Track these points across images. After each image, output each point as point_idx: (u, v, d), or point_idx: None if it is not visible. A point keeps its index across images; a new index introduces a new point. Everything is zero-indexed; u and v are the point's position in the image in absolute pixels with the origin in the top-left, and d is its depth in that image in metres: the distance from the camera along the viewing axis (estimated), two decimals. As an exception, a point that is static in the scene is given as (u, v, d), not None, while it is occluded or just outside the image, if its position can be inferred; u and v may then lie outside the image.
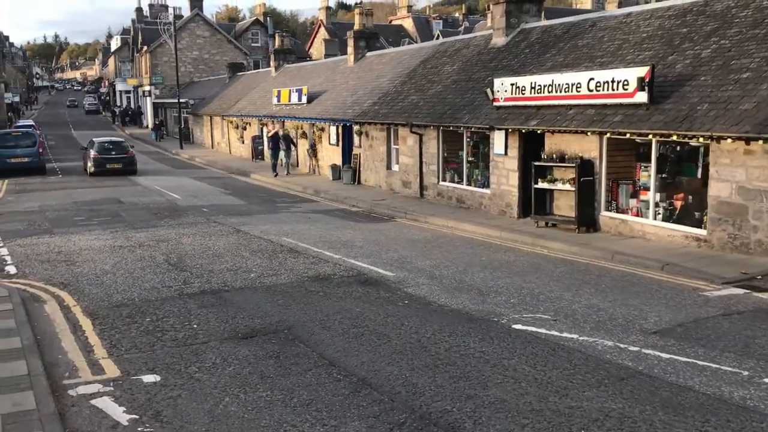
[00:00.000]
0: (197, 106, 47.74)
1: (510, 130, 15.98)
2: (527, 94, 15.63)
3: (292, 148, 28.08)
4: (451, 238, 13.90)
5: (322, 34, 71.11)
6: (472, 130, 17.64)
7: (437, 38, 61.59)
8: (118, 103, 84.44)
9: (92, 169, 28.39)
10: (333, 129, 25.91)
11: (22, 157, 28.52)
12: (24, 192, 23.45)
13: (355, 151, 24.31)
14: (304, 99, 28.91)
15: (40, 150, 29.10)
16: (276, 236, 13.87)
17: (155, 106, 60.60)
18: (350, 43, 30.05)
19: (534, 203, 15.12)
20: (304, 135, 28.72)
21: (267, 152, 29.36)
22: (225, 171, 31.05)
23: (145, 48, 62.22)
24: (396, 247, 12.56)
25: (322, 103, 27.60)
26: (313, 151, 27.87)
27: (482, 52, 20.64)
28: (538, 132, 15.07)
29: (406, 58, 25.57)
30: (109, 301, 8.97)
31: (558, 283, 9.58)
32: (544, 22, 19.78)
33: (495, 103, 16.63)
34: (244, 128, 36.64)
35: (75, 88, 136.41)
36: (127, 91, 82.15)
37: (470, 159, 18.51)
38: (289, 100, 30.40)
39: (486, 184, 17.70)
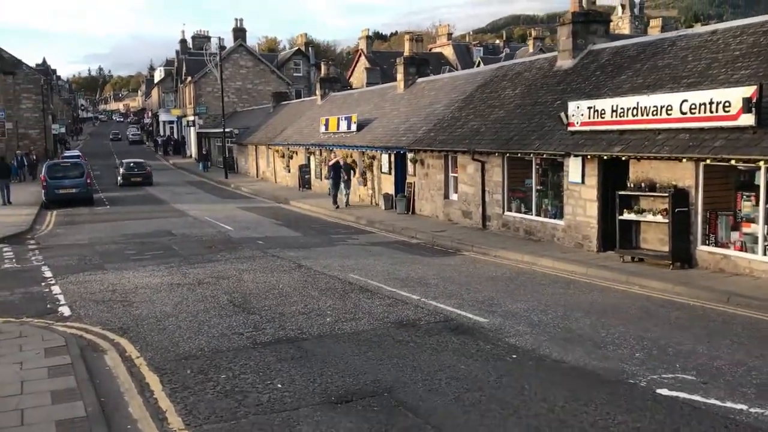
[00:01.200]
0: (241, 135, 47.54)
1: (588, 156, 14.84)
2: (607, 117, 14.51)
3: (353, 178, 26.49)
4: (532, 274, 12.75)
5: (363, 62, 71.02)
6: (543, 156, 16.54)
7: (478, 65, 60.88)
8: (161, 133, 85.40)
9: (120, 182, 38.33)
10: (385, 157, 25.05)
11: (71, 188, 28.27)
12: (72, 224, 23.01)
13: (409, 179, 23.36)
14: (354, 127, 28.18)
15: (88, 180, 28.85)
16: (341, 272, 12.91)
17: (199, 135, 60.80)
18: (400, 69, 29.33)
19: (618, 236, 13.90)
20: (353, 164, 27.91)
21: (326, 182, 28.40)
22: (273, 200, 30.38)
23: (189, 78, 62.72)
24: (476, 286, 11.47)
25: (373, 131, 26.81)
26: (363, 179, 27.02)
27: (547, 75, 19.61)
28: (623, 159, 13.90)
29: (460, 83, 24.68)
30: (175, 351, 8.05)
31: (682, 332, 8.37)
32: (615, 43, 18.70)
33: (570, 128, 15.53)
34: (291, 157, 36.09)
35: (118, 120, 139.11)
36: (171, 122, 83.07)
37: (539, 188, 17.38)
38: (338, 128, 29.72)
39: (558, 215, 16.54)
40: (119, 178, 38.64)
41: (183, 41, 71.05)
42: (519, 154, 17.20)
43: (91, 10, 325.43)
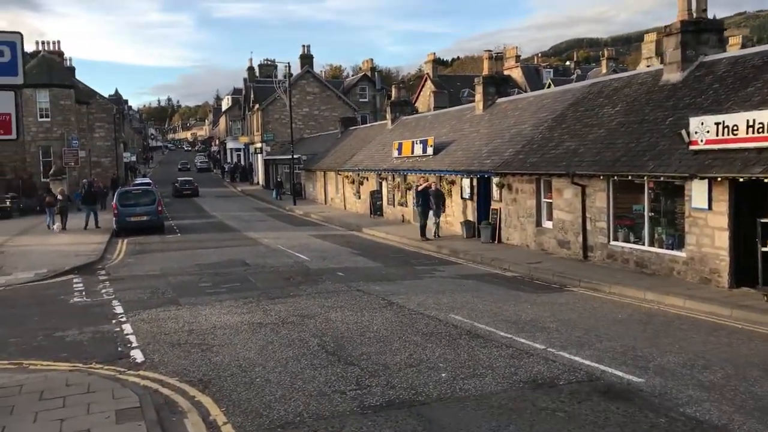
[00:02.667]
0: (309, 161, 46.90)
1: (718, 179, 12.93)
2: (741, 134, 12.61)
3: (441, 206, 23.93)
4: (665, 316, 10.92)
5: (429, 87, 69.98)
6: (661, 179, 14.66)
7: (548, 87, 58.90)
8: (229, 161, 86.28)
9: (173, 193, 51.25)
10: (466, 182, 23.50)
11: (142, 215, 27.78)
12: (144, 253, 22.28)
13: (494, 205, 21.72)
14: (430, 150, 26.80)
15: (160, 208, 28.32)
16: (440, 311, 11.38)
17: (266, 162, 60.71)
18: (478, 89, 27.89)
19: (761, 270, 11.91)
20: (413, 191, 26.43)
21: (400, 208, 26.98)
22: (344, 228, 29.19)
23: (257, 106, 62.93)
24: (605, 332, 9.74)
25: (451, 154, 25.35)
26: (443, 206, 25.49)
27: (652, 91, 17.77)
28: (765, 181, 11.96)
29: (548, 102, 23.00)
30: (269, 415, 6.66)
31: None
32: (733, 53, 16.79)
33: (692, 147, 13.68)
34: (361, 183, 34.96)
35: (186, 149, 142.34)
36: (237, 149, 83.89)
37: (651, 214, 15.48)
38: (412, 152, 28.39)
39: (676, 245, 14.61)
40: (173, 191, 52.35)
41: (251, 69, 71.66)
42: (629, 177, 15.38)
43: (159, 43, 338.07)
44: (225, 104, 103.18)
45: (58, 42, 52.47)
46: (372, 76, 70.06)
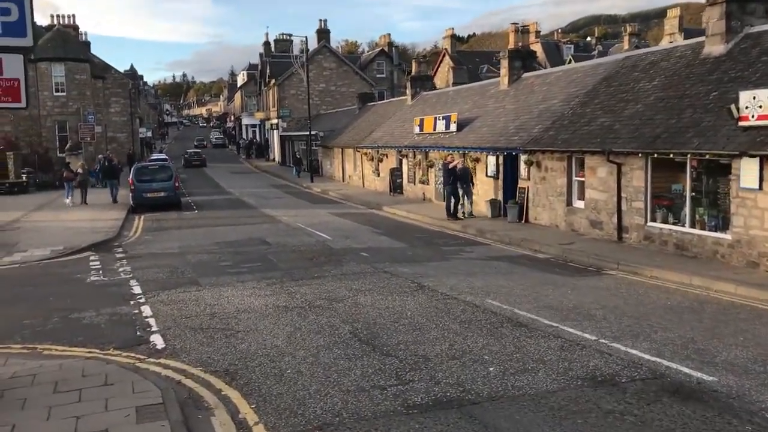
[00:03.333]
0: (326, 138, 46.15)
1: (772, 157, 12.11)
2: (799, 109, 11.75)
3: (471, 184, 22.77)
4: (718, 304, 10.20)
5: (447, 62, 68.77)
6: (706, 157, 13.84)
7: (569, 62, 57.54)
8: (244, 137, 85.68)
9: (184, 164, 55.60)
10: (491, 159, 22.72)
11: (158, 192, 27.29)
12: (161, 230, 21.78)
13: (522, 183, 20.94)
14: (453, 127, 25.99)
15: (177, 184, 27.80)
16: (474, 296, 10.73)
17: (282, 139, 60.07)
18: (504, 63, 26.94)
19: (819, 255, 11.13)
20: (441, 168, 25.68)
21: (438, 189, 26.07)
22: (364, 206, 28.53)
23: (273, 81, 62.12)
24: (658, 321, 9.06)
25: (476, 131, 24.53)
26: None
27: (692, 64, 16.86)
28: (827, 159, 11.13)
29: (578, 77, 22.08)
30: (304, 414, 6.06)
31: None
32: (783, 23, 15.77)
33: (741, 123, 12.84)
34: (380, 160, 34.20)
35: (201, 125, 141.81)
36: (253, 125, 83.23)
37: (693, 194, 14.67)
38: (434, 129, 27.59)
39: (720, 227, 13.83)
40: (183, 161, 56.97)
41: (267, 44, 70.66)
42: (671, 155, 14.56)
43: (174, 19, 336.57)
44: (240, 80, 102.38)
45: (73, 16, 51.85)
46: (389, 51, 68.92)
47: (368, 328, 8.88)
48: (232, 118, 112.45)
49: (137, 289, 12.35)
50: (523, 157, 20.50)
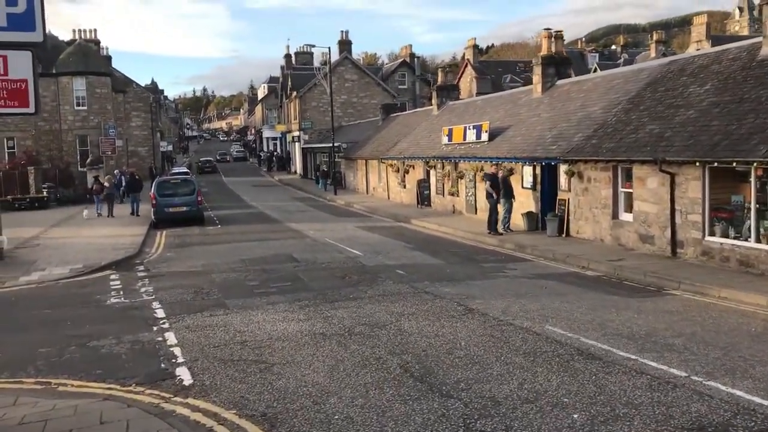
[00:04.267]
0: (349, 149, 45.34)
1: None
2: None
3: (512, 196, 21.05)
4: (808, 330, 9.04)
5: (469, 73, 67.86)
6: (775, 166, 12.70)
7: (594, 71, 56.34)
8: (265, 149, 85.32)
9: (197, 171, 61.05)
10: (527, 169, 21.66)
11: (181, 206, 26.54)
12: (184, 246, 20.96)
13: (562, 195, 19.86)
14: (485, 136, 24.98)
15: (199, 198, 27.03)
16: (532, 322, 9.68)
17: (304, 151, 59.42)
18: (537, 70, 25.92)
19: None
20: (485, 178, 24.65)
21: (469, 201, 25.01)
22: (391, 219, 27.57)
23: (294, 93, 61.60)
24: (750, 352, 7.95)
25: (509, 140, 23.50)
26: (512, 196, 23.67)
27: (749, 67, 15.75)
28: None
29: (618, 83, 21.01)
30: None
31: None
32: None
33: (818, 128, 11.68)
34: (406, 171, 33.24)
35: (221, 138, 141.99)
36: (274, 138, 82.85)
37: (757, 206, 13.51)
38: (464, 139, 26.61)
39: (792, 242, 12.65)
40: (196, 169, 62.85)
41: (288, 56, 70.28)
42: (733, 164, 13.43)
43: (195, 34, 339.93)
44: (261, 93, 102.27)
45: (95, 30, 51.65)
46: (411, 62, 68.15)
47: (420, 362, 7.87)
48: (253, 131, 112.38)
49: (160, 313, 11.46)
50: (563, 168, 19.44)
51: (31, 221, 28.01)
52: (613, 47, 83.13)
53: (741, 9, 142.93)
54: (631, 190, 16.91)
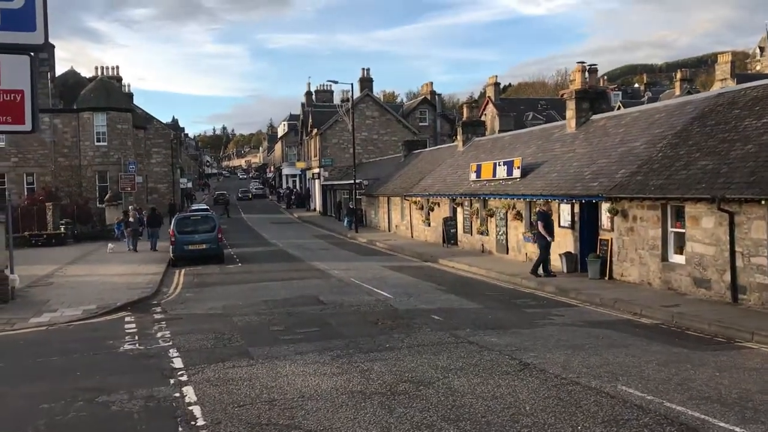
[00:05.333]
0: (371, 186, 44.50)
1: None
2: None
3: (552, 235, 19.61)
4: None
5: (491, 110, 67.36)
6: None
7: (618, 108, 55.45)
8: (284, 186, 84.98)
9: (213, 203, 67.43)
10: (565, 208, 20.54)
11: (200, 244, 25.65)
12: (203, 286, 19.97)
13: (603, 235, 18.68)
14: (517, 172, 23.94)
15: (220, 236, 26.13)
16: (600, 380, 8.48)
17: (324, 188, 58.74)
18: (570, 105, 24.99)
19: None
20: (518, 216, 23.57)
21: (500, 240, 23.67)
22: (418, 258, 26.45)
23: (315, 130, 61.26)
24: None
25: (543, 177, 22.43)
26: (532, 236, 22.55)
27: (810, 98, 14.63)
28: None
29: (660, 117, 19.98)
30: None
31: None
32: None
33: None
34: (431, 209, 32.24)
35: (240, 176, 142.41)
36: (293, 175, 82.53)
37: (833, 248, 12.27)
38: (494, 175, 25.59)
39: None
40: (213, 200, 72.71)
41: (308, 94, 70.25)
42: (807, 202, 12.24)
43: (216, 74, 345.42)
44: (281, 130, 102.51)
45: (117, 67, 51.66)
46: (432, 99, 67.71)
47: (481, 431, 6.70)
48: (272, 168, 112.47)
49: (178, 362, 10.39)
50: (605, 206, 18.30)
51: (46, 258, 27.25)
52: (636, 85, 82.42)
53: (762, 48, 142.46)
54: (682, 230, 15.73)
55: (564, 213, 20.63)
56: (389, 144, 59.11)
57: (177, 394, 8.60)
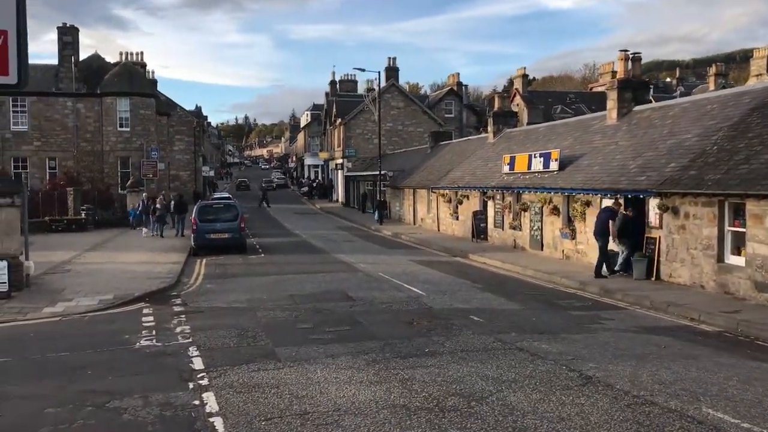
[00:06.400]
0: (396, 178, 43.45)
1: None
2: None
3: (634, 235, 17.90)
4: None
5: (518, 102, 65.83)
6: None
7: (651, 103, 53.78)
8: (306, 177, 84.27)
9: (236, 189, 76.70)
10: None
11: (222, 233, 24.83)
12: (225, 277, 19.10)
13: (651, 233, 17.48)
14: (554, 165, 22.77)
15: (242, 225, 25.28)
16: (679, 400, 7.41)
17: (347, 179, 57.82)
18: (611, 95, 23.73)
19: None
20: (554, 211, 22.40)
21: (534, 236, 22.45)
22: (447, 253, 25.40)
23: (339, 120, 60.28)
24: None
25: (583, 170, 21.24)
26: (570, 232, 21.42)
27: None
28: None
29: (713, 108, 18.69)
30: None
31: None
32: None
33: None
34: (460, 202, 31.10)
35: (262, 166, 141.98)
36: (315, 165, 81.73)
37: None
38: (529, 168, 24.42)
39: None
40: (235, 186, 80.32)
41: (333, 83, 69.22)
42: None
43: (239, 63, 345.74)
44: (303, 120, 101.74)
45: (141, 53, 50.95)
46: (458, 90, 66.40)
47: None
48: (294, 158, 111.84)
49: (198, 363, 9.47)
50: (654, 202, 17.10)
51: (66, 244, 26.61)
52: (668, 80, 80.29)
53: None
54: (742, 230, 14.50)
55: (606, 209, 19.41)
56: (414, 135, 58.00)
57: (196, 402, 7.67)
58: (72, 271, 19.58)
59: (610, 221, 17.73)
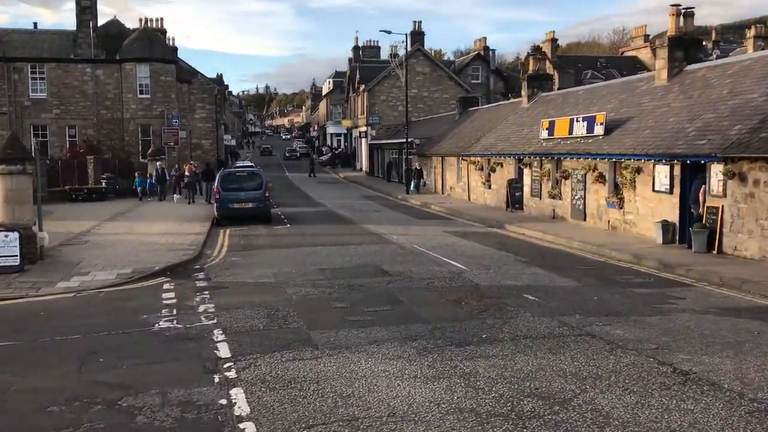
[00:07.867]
0: (422, 146, 41.95)
1: None
2: None
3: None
4: None
5: (547, 67, 63.56)
6: None
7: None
8: (328, 145, 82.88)
9: (260, 154, 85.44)
10: (661, 169, 17.83)
11: (246, 202, 23.69)
12: (250, 249, 17.98)
13: (712, 202, 15.96)
14: (599, 129, 21.20)
15: (267, 194, 24.10)
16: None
17: (371, 147, 56.37)
18: (661, 53, 22.00)
19: None
20: (599, 179, 20.89)
21: (551, 201, 20.96)
22: (481, 223, 24.04)
23: (363, 87, 58.60)
24: None
25: (632, 134, 19.67)
26: (618, 201, 19.92)
27: None
28: None
29: (780, 65, 16.95)
30: None
31: None
32: None
33: None
34: (492, 170, 29.59)
35: (283, 136, 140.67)
36: (338, 134, 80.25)
37: None
38: (570, 133, 22.87)
39: None
40: (259, 152, 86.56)
41: (356, 48, 67.27)
42: None
43: (260, 32, 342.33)
44: (326, 88, 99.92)
45: (161, 19, 49.49)
46: (485, 55, 64.11)
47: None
48: (316, 126, 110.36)
49: (224, 349, 8.32)
50: (718, 167, 15.55)
51: (85, 214, 25.69)
52: (704, 43, 77.18)
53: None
54: (825, 198, 12.96)
55: (660, 175, 17.92)
56: (440, 102, 56.25)
57: (223, 401, 6.51)
58: (90, 242, 18.58)
59: (702, 188, 16.21)
